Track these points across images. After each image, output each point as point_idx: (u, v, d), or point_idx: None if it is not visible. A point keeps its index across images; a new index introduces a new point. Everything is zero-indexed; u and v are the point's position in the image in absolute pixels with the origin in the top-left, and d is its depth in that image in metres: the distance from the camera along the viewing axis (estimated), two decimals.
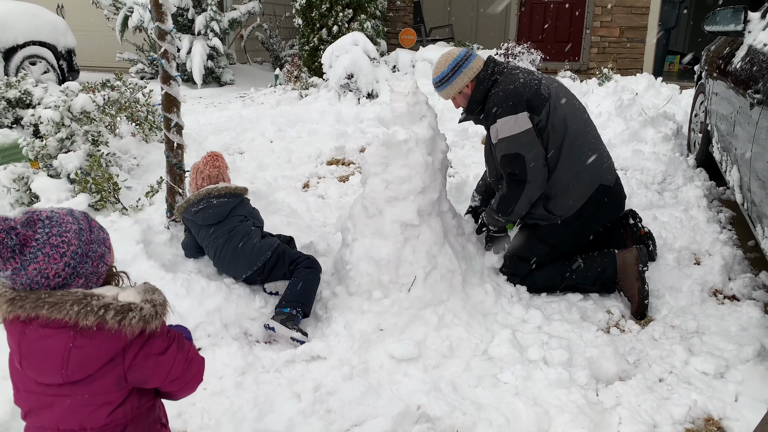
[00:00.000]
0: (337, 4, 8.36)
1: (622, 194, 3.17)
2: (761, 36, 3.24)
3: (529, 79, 2.95)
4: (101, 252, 1.33)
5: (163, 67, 3.07)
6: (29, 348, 1.25)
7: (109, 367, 1.27)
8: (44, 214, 1.27)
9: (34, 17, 8.14)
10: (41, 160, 3.91)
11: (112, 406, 1.30)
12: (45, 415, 1.30)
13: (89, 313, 1.22)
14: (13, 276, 1.23)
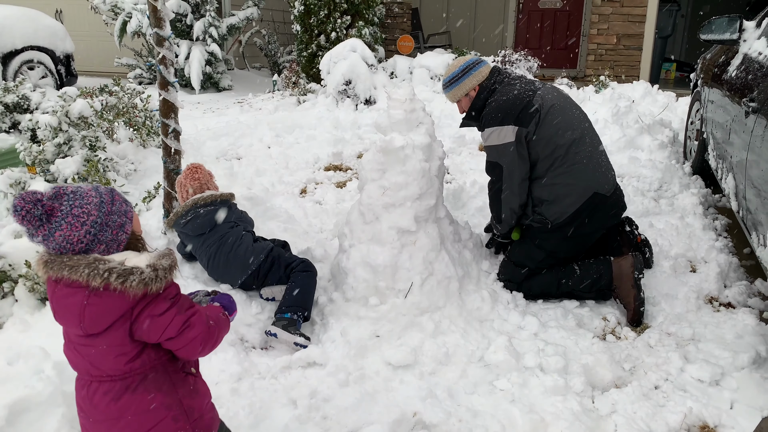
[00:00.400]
0: (335, 11, 8.39)
1: (619, 204, 3.17)
2: (756, 45, 3.26)
3: (523, 90, 3.05)
4: (121, 222, 1.50)
5: (161, 73, 3.08)
6: (58, 304, 1.47)
7: (120, 323, 1.45)
8: (69, 189, 1.47)
9: (33, 22, 8.15)
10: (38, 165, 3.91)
11: (128, 357, 1.48)
12: (78, 363, 1.52)
13: (96, 275, 1.39)
14: (44, 241, 1.43)
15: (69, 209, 1.43)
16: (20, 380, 2.22)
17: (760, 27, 3.38)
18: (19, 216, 1.38)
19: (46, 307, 2.66)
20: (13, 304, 2.73)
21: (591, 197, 2.97)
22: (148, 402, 1.51)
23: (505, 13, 10.35)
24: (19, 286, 2.70)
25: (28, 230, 1.42)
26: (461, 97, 3.22)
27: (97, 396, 1.50)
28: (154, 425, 1.52)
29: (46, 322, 2.58)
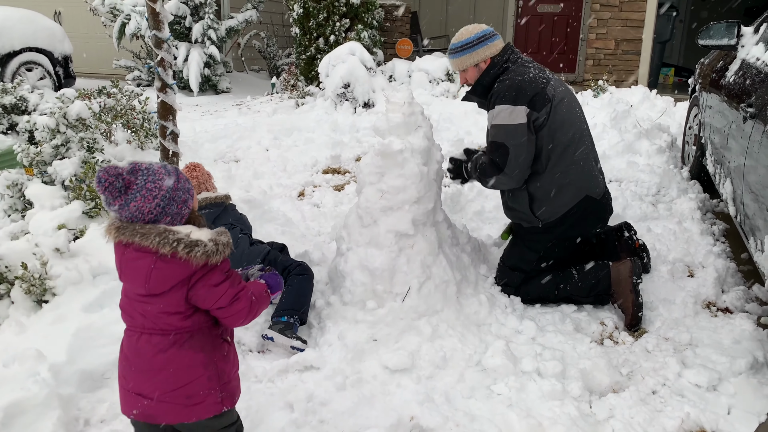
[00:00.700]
0: (334, 14, 8.39)
1: (607, 209, 3.17)
2: (754, 50, 3.27)
3: (539, 75, 2.92)
4: (185, 198, 1.69)
5: (160, 75, 3.08)
6: (126, 265, 1.66)
7: (179, 287, 1.64)
8: (144, 166, 1.65)
9: (31, 23, 8.14)
10: (36, 166, 3.90)
11: (182, 316, 1.67)
12: (135, 316, 1.70)
13: (166, 244, 1.58)
14: (120, 210, 1.62)
15: (143, 183, 1.62)
16: (16, 382, 2.21)
17: (758, 33, 3.39)
18: (102, 186, 1.58)
19: (42, 309, 2.66)
20: (9, 306, 2.72)
21: (583, 199, 2.98)
22: (191, 358, 1.69)
23: (504, 17, 10.37)
24: (15, 288, 2.69)
25: (107, 199, 1.61)
26: (469, 67, 3.01)
27: (147, 346, 1.68)
28: (190, 381, 1.70)
29: (42, 324, 2.57)
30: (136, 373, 1.71)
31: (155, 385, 1.69)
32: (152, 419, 1.73)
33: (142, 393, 1.70)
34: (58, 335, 2.49)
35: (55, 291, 2.71)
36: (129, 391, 1.72)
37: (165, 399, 1.69)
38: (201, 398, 1.72)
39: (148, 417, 1.73)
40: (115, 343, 2.49)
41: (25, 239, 2.98)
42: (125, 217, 1.63)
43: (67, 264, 2.82)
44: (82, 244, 3.06)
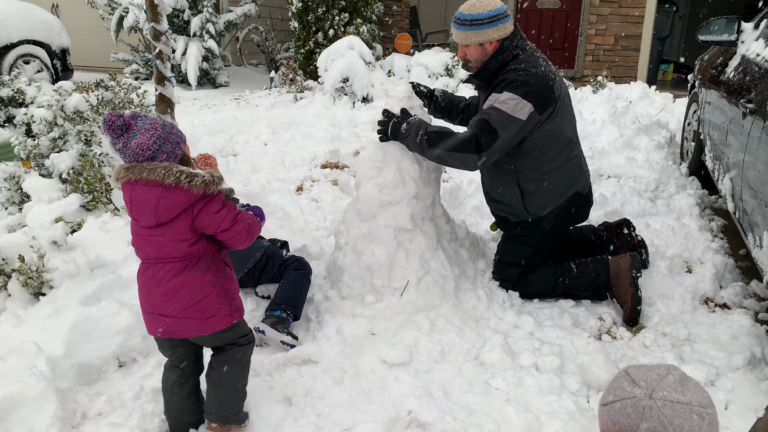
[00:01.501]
0: (333, 8, 8.37)
1: (590, 201, 3.20)
2: (754, 46, 3.26)
3: (548, 72, 2.80)
4: (177, 140, 1.94)
5: (158, 68, 3.06)
6: (136, 199, 1.89)
7: (184, 215, 1.90)
8: (142, 114, 1.92)
9: (29, 16, 8.09)
10: (33, 159, 3.88)
11: (189, 243, 1.94)
12: (148, 250, 1.97)
13: (170, 175, 1.84)
14: (123, 148, 1.86)
15: (142, 124, 1.88)
16: (13, 375, 2.21)
17: (758, 28, 3.38)
18: (106, 125, 1.82)
19: (40, 302, 2.65)
20: (6, 299, 2.71)
21: (572, 196, 3.00)
22: (200, 278, 1.97)
23: None
24: (12, 280, 2.68)
25: (112, 138, 1.85)
26: (473, 44, 2.83)
27: (162, 273, 1.95)
28: (203, 297, 1.98)
29: (39, 317, 2.56)
30: (156, 297, 1.98)
31: (173, 305, 1.96)
32: (174, 334, 2.02)
33: (164, 313, 1.98)
34: (55, 328, 2.48)
35: (53, 284, 2.70)
36: (152, 313, 2.01)
37: (183, 315, 1.97)
38: (213, 312, 2.00)
39: (171, 333, 2.02)
40: (112, 336, 2.51)
41: (22, 232, 2.97)
42: (129, 156, 1.87)
43: (64, 257, 2.80)
44: (80, 237, 3.05)
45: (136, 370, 2.49)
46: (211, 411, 2.14)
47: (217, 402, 2.14)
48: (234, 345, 2.12)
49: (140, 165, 1.87)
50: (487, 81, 2.92)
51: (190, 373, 2.16)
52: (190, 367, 2.16)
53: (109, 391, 2.35)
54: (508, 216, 3.10)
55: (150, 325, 2.05)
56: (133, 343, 2.52)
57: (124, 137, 1.86)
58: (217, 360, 2.13)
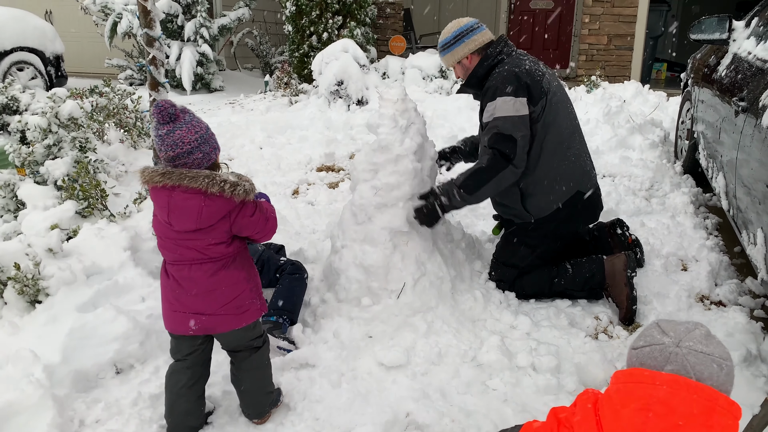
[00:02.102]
0: (326, 11, 8.38)
1: (598, 205, 3.18)
2: (746, 44, 3.28)
3: (535, 68, 2.91)
4: (214, 145, 2.02)
5: (152, 74, 3.07)
6: (176, 206, 1.94)
7: (223, 221, 1.98)
8: (191, 111, 1.99)
9: (22, 23, 8.09)
10: (28, 166, 3.88)
11: (226, 245, 2.03)
12: (184, 252, 2.02)
13: (214, 184, 1.89)
14: (165, 135, 1.90)
15: (189, 119, 1.94)
16: (9, 383, 2.20)
17: (749, 26, 3.40)
18: (157, 109, 1.89)
19: (36, 310, 2.64)
20: (2, 307, 2.71)
21: (574, 195, 2.99)
22: (236, 276, 2.07)
23: (497, 13, 10.37)
24: (8, 288, 2.68)
25: (158, 123, 1.90)
26: (454, 64, 3.09)
27: (199, 273, 2.02)
28: (239, 294, 2.07)
29: (35, 324, 2.56)
30: (193, 297, 2.04)
31: (212, 303, 2.04)
32: (210, 330, 2.10)
33: (200, 311, 2.04)
34: (51, 335, 2.48)
35: (49, 291, 2.69)
36: (185, 312, 2.05)
37: (220, 312, 2.05)
38: (247, 306, 2.10)
39: (206, 330, 2.08)
40: (109, 343, 2.50)
41: (17, 240, 2.96)
42: (167, 144, 1.90)
43: (60, 264, 2.80)
44: (75, 243, 3.05)
45: (133, 376, 2.48)
46: (249, 412, 2.25)
47: (253, 404, 2.24)
48: (253, 349, 2.19)
49: (179, 171, 1.91)
50: (478, 87, 3.02)
51: (200, 376, 2.20)
52: (201, 370, 2.20)
53: (106, 398, 2.35)
54: (512, 218, 3.12)
55: (178, 323, 2.09)
56: (130, 350, 2.52)
57: (170, 125, 1.91)
58: (241, 368, 2.20)
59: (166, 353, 2.57)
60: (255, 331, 2.19)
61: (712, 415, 1.28)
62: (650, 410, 1.29)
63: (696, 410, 1.27)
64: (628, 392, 1.33)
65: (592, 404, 1.47)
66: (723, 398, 1.30)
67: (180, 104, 1.98)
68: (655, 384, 1.30)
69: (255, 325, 2.17)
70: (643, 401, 1.30)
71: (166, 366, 2.48)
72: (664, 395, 1.28)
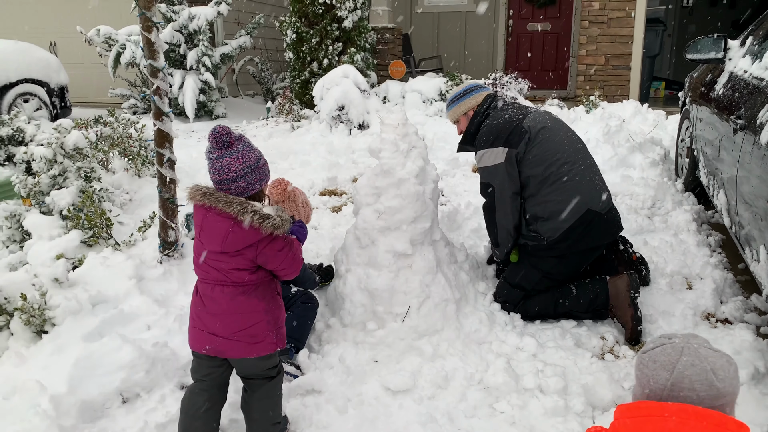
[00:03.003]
0: (326, 38, 8.49)
1: (614, 223, 3.17)
2: (741, 63, 3.32)
3: (514, 115, 3.18)
4: (262, 176, 2.07)
5: (156, 104, 3.11)
6: (207, 225, 2.02)
7: (249, 249, 2.01)
8: (246, 139, 2.06)
9: (27, 55, 8.21)
10: (33, 197, 3.91)
11: (249, 272, 2.05)
12: (211, 272, 2.06)
13: (245, 213, 1.94)
14: (216, 159, 1.99)
15: (241, 148, 2.01)
16: (16, 415, 2.20)
17: (745, 45, 3.44)
18: (214, 133, 1.98)
19: (42, 340, 2.65)
20: (8, 338, 2.71)
21: (584, 214, 2.99)
22: (255, 305, 2.08)
23: (495, 36, 10.50)
24: (14, 319, 2.69)
25: (212, 146, 2.00)
26: (460, 117, 3.38)
27: (221, 295, 2.06)
28: (254, 323, 2.07)
29: (42, 355, 2.56)
30: (211, 316, 2.07)
31: (226, 326, 2.06)
32: (222, 354, 2.10)
33: (215, 333, 2.07)
34: (58, 366, 2.48)
35: (55, 321, 2.70)
36: (203, 331, 2.09)
37: (233, 337, 2.06)
38: (261, 338, 2.09)
39: (218, 352, 2.10)
40: (115, 372, 2.50)
41: (23, 270, 2.98)
42: (215, 168, 1.99)
43: (66, 294, 2.82)
44: (81, 273, 3.07)
45: (139, 405, 2.48)
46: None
47: None
48: (267, 378, 2.18)
49: (217, 194, 1.99)
50: (471, 144, 3.34)
51: (217, 400, 2.21)
52: (218, 393, 2.22)
53: (113, 428, 2.35)
54: (527, 242, 3.15)
55: (198, 341, 2.13)
56: (136, 379, 2.52)
57: (221, 151, 1.99)
58: (253, 396, 2.18)
59: (172, 382, 2.57)
60: (270, 361, 2.17)
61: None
62: None
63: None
64: (638, 426, 1.33)
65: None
66: (732, 421, 1.30)
67: (237, 132, 2.05)
68: (663, 416, 1.30)
69: (270, 356, 2.15)
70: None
71: (172, 395, 2.48)
72: (674, 426, 1.28)
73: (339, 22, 8.47)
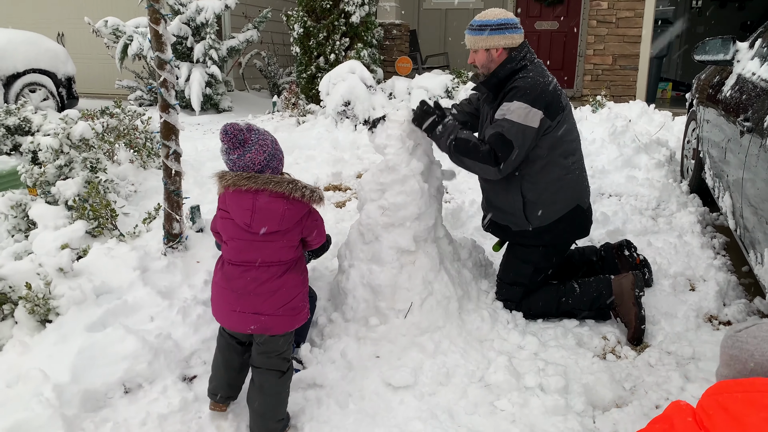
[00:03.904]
0: (334, 33, 8.49)
1: (590, 218, 3.21)
2: (749, 65, 3.31)
3: (555, 83, 2.93)
4: (281, 157, 2.21)
5: (162, 96, 3.11)
6: (261, 208, 2.11)
7: (298, 224, 2.17)
8: (255, 127, 2.15)
9: (35, 45, 8.24)
10: (39, 186, 3.92)
11: (294, 248, 2.21)
12: (254, 254, 2.16)
13: (296, 190, 2.11)
14: (237, 159, 2.09)
15: (257, 140, 2.10)
16: (19, 403, 2.22)
17: (753, 47, 3.43)
18: (227, 136, 2.06)
19: (46, 329, 2.66)
20: (12, 327, 2.73)
21: (574, 209, 3.02)
22: (296, 279, 2.22)
23: None
24: (19, 308, 2.70)
25: (228, 149, 2.09)
26: (480, 49, 2.95)
27: (266, 275, 2.16)
28: (296, 295, 2.22)
29: (45, 344, 2.58)
30: (254, 297, 2.16)
31: (272, 303, 2.16)
32: (268, 330, 2.19)
33: (260, 312, 2.16)
34: (61, 355, 2.49)
35: (59, 311, 2.71)
36: (246, 312, 2.17)
37: (279, 313, 2.17)
38: (300, 308, 2.24)
39: (265, 329, 2.19)
40: (118, 362, 2.51)
41: (28, 259, 2.99)
42: (239, 166, 2.09)
43: (70, 283, 2.83)
44: (86, 263, 3.08)
45: (141, 396, 2.49)
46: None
47: (262, 427, 2.26)
48: (278, 372, 2.23)
49: (265, 176, 2.09)
50: (495, 90, 2.97)
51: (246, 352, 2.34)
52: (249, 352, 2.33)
53: (115, 418, 2.36)
54: (509, 225, 3.08)
55: (241, 323, 2.20)
56: (139, 369, 2.53)
57: (240, 149, 2.08)
58: (262, 389, 2.23)
59: (174, 373, 2.59)
60: (291, 341, 2.31)
61: None
62: None
63: None
64: (750, 401, 1.30)
65: (692, 417, 1.42)
66: None
67: (244, 124, 2.12)
68: None
69: (289, 338, 2.27)
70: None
71: (175, 386, 2.50)
72: None
73: (346, 17, 8.47)
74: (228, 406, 2.43)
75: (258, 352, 2.25)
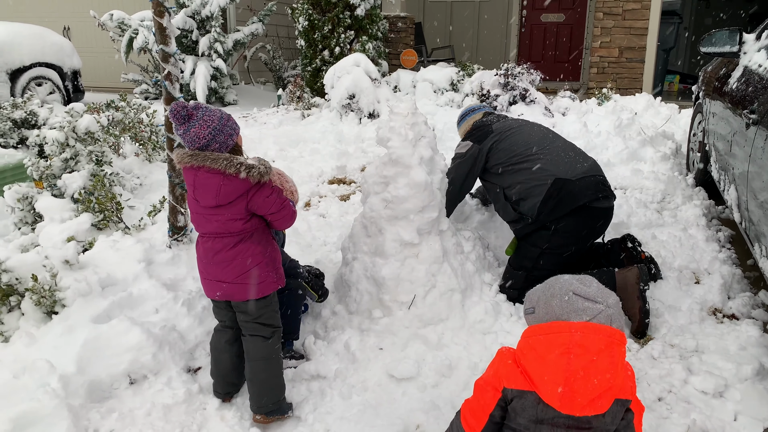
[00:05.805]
0: (338, 26, 8.47)
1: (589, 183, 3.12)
2: (756, 57, 3.28)
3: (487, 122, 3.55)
4: (230, 132, 2.24)
5: (167, 89, 3.12)
6: (200, 183, 2.20)
7: (240, 199, 2.21)
8: (204, 105, 2.22)
9: (41, 39, 8.25)
10: (45, 179, 3.95)
11: (244, 221, 2.26)
12: (208, 226, 2.29)
13: (231, 166, 2.14)
14: (183, 134, 2.16)
15: (201, 116, 2.17)
16: (26, 393, 2.24)
17: (760, 39, 3.40)
18: (172, 113, 2.12)
19: (52, 321, 2.69)
20: (19, 318, 2.75)
21: (553, 183, 3.07)
22: (252, 249, 2.29)
23: (508, 27, 10.42)
24: (25, 299, 2.72)
25: (175, 125, 2.16)
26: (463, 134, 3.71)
27: (220, 245, 2.28)
28: (254, 265, 2.29)
29: (51, 335, 2.60)
30: (215, 265, 2.30)
31: (230, 272, 2.28)
32: (230, 297, 2.33)
33: (221, 279, 2.30)
34: (67, 346, 2.52)
35: (65, 302, 2.74)
36: (212, 279, 2.32)
37: (238, 281, 2.28)
38: (263, 278, 2.31)
39: (227, 296, 2.33)
40: (123, 353, 2.54)
41: (35, 252, 3.02)
42: (187, 141, 2.17)
43: (76, 276, 2.85)
44: (91, 255, 3.10)
45: (146, 387, 2.51)
46: (252, 403, 2.36)
47: (254, 396, 2.35)
48: (263, 338, 2.34)
49: (203, 154, 2.16)
50: None
51: (237, 336, 2.44)
52: (238, 331, 2.43)
53: (120, 408, 2.38)
54: (517, 225, 3.26)
55: (209, 289, 2.38)
56: (144, 361, 2.55)
57: (185, 125, 2.15)
58: (250, 355, 2.36)
59: (179, 365, 2.61)
60: (269, 308, 2.37)
61: (613, 347, 1.60)
62: (571, 352, 1.58)
63: (602, 346, 1.59)
64: (549, 342, 1.62)
65: (512, 360, 1.71)
66: (618, 333, 1.63)
67: (192, 102, 2.21)
68: (571, 332, 1.60)
69: (270, 302, 2.36)
70: (564, 347, 1.58)
71: (179, 377, 2.53)
72: (580, 339, 1.59)
73: (351, 10, 8.45)
74: (232, 397, 2.46)
75: (239, 319, 2.39)
